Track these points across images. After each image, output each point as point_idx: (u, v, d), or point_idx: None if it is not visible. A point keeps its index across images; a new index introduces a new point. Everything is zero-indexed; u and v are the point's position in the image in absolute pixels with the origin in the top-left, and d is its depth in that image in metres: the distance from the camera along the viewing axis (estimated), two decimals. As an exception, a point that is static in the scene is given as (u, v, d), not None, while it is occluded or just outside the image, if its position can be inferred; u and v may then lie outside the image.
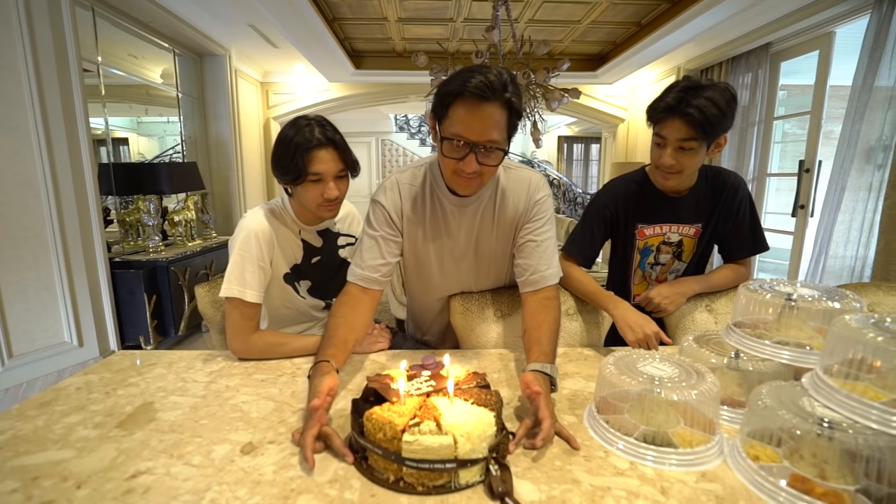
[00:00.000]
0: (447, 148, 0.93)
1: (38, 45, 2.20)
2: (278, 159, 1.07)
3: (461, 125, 0.89)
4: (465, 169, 0.92)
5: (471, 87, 0.85)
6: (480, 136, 0.89)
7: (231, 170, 4.42)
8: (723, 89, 1.05)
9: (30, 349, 2.32)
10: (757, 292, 0.86)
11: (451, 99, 0.89)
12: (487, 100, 0.86)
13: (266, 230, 1.10)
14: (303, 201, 1.12)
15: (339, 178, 1.10)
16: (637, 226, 1.27)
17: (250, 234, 1.09)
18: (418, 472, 0.62)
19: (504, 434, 0.69)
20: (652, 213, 1.26)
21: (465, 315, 1.21)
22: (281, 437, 0.74)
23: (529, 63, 3.15)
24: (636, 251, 1.30)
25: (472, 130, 0.88)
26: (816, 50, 3.32)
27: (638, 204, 1.25)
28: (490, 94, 0.86)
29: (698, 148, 1.08)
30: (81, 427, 0.77)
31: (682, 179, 1.14)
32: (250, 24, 3.65)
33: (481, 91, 0.85)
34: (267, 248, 1.10)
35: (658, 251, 1.29)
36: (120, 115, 3.66)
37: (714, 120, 1.03)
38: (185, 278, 3.12)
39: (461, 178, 0.95)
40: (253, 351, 1.08)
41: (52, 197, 2.30)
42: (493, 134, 0.89)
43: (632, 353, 0.81)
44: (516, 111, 0.91)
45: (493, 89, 0.86)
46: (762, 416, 0.65)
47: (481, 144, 0.90)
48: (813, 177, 3.35)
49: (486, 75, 0.86)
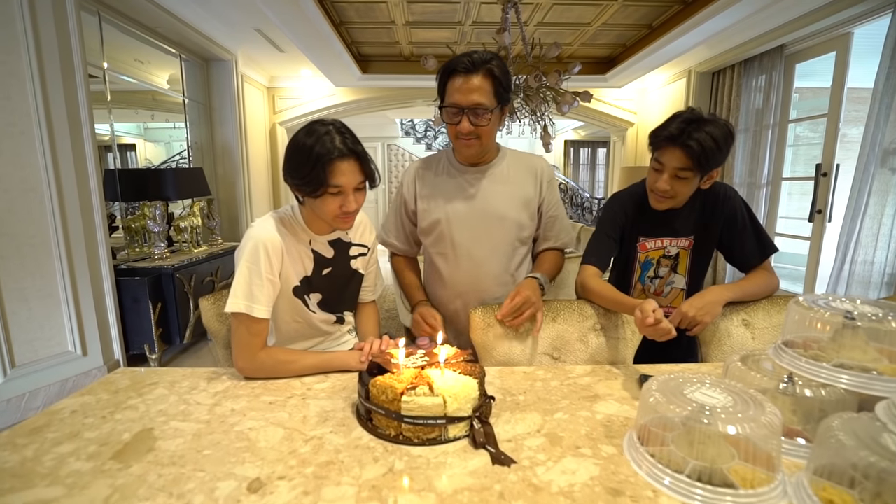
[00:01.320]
0: (446, 115, 1.17)
1: (42, 50, 2.17)
2: (296, 168, 0.99)
3: (454, 95, 1.13)
4: (461, 130, 1.15)
5: (458, 64, 1.11)
6: (468, 101, 1.12)
7: (237, 175, 4.39)
8: (722, 125, 1.09)
9: (32, 359, 2.27)
10: (812, 309, 0.78)
11: (446, 77, 1.15)
12: (472, 72, 1.11)
13: (276, 241, 1.03)
14: (319, 212, 1.05)
15: (357, 189, 1.03)
16: (639, 239, 1.29)
17: (258, 245, 1.01)
18: (414, 427, 0.74)
19: (486, 399, 0.82)
20: (654, 227, 1.28)
21: (486, 330, 1.14)
22: (292, 472, 0.67)
23: (540, 66, 3.09)
24: (637, 265, 1.32)
25: (462, 97, 1.12)
26: (833, 52, 3.24)
27: (642, 217, 1.27)
28: (473, 67, 1.11)
29: (692, 178, 1.14)
30: (74, 459, 0.70)
31: (674, 204, 1.21)
32: (257, 28, 3.62)
33: (466, 66, 1.11)
34: (276, 259, 1.03)
35: (658, 265, 1.31)
36: (126, 120, 3.63)
37: (710, 154, 1.08)
38: (190, 285, 3.07)
39: (460, 140, 1.19)
40: (261, 370, 1.01)
41: (55, 203, 2.25)
42: (479, 98, 1.12)
43: (677, 377, 0.74)
44: (500, 81, 1.13)
45: (475, 63, 1.11)
46: (838, 453, 0.58)
47: (470, 108, 1.12)
48: (831, 181, 3.26)
49: (472, 55, 1.11)
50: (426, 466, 0.68)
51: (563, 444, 0.74)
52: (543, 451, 0.72)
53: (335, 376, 1.01)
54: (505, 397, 0.91)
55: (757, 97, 3.82)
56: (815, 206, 3.40)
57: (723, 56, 3.98)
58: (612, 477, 0.66)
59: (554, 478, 0.65)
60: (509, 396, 0.91)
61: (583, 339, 1.17)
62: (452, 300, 1.32)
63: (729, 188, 1.27)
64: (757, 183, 3.85)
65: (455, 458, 0.70)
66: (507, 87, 1.15)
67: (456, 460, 0.70)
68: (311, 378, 1.01)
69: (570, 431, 0.78)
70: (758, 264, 1.24)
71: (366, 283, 1.28)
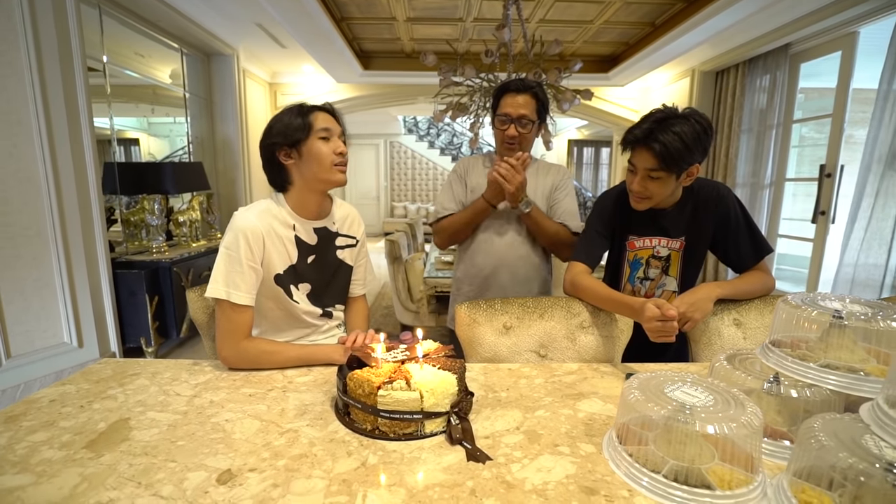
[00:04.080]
0: (498, 122, 1.47)
1: (41, 42, 2.17)
2: (279, 127, 1.06)
3: (506, 107, 1.44)
4: (509, 134, 1.44)
5: (511, 85, 1.45)
6: (517, 113, 1.42)
7: (237, 170, 4.39)
8: (695, 122, 1.07)
9: (28, 350, 2.28)
10: (799, 307, 0.76)
11: (501, 93, 1.47)
12: (521, 92, 1.43)
13: (255, 228, 1.04)
14: (316, 168, 1.07)
15: (341, 138, 1.11)
16: (628, 237, 1.27)
17: (238, 233, 1.03)
18: (391, 422, 0.73)
19: (466, 395, 0.82)
20: (641, 225, 1.26)
21: (472, 326, 1.13)
22: (264, 464, 0.66)
23: (540, 63, 3.07)
24: (626, 263, 1.30)
25: (512, 109, 1.43)
26: (838, 51, 3.19)
27: (630, 214, 1.25)
28: (523, 88, 1.44)
29: (666, 178, 1.12)
30: (46, 447, 0.70)
31: (653, 204, 1.20)
32: (258, 23, 3.61)
33: (517, 86, 1.44)
34: (256, 247, 1.04)
35: (647, 265, 1.29)
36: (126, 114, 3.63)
37: (677, 154, 1.07)
38: (187, 279, 3.07)
39: (505, 144, 1.46)
40: (243, 359, 1.01)
41: (53, 195, 2.25)
42: (525, 111, 1.43)
43: (658, 376, 0.72)
44: (542, 102, 1.45)
45: (525, 86, 1.44)
46: (817, 454, 0.56)
47: (517, 117, 1.42)
48: (834, 182, 3.22)
49: (523, 80, 1.46)
50: (400, 461, 0.67)
51: (542, 441, 0.73)
52: (520, 449, 0.71)
53: (318, 370, 1.01)
54: (487, 394, 0.90)
55: (761, 97, 3.78)
56: (818, 208, 3.36)
57: (727, 55, 3.94)
58: (588, 476, 0.65)
59: (529, 475, 0.64)
60: (491, 393, 0.90)
61: (570, 337, 1.16)
62: (486, 266, 1.52)
63: (723, 187, 1.24)
64: (760, 183, 3.81)
65: (430, 454, 0.69)
66: (546, 108, 1.47)
67: (431, 456, 0.69)
68: (294, 371, 1.00)
69: (550, 429, 0.77)
70: (753, 265, 1.22)
71: (355, 277, 1.27)
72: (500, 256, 1.49)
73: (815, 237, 3.42)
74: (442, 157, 10.22)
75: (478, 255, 1.52)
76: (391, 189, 10.40)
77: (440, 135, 10.41)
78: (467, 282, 1.56)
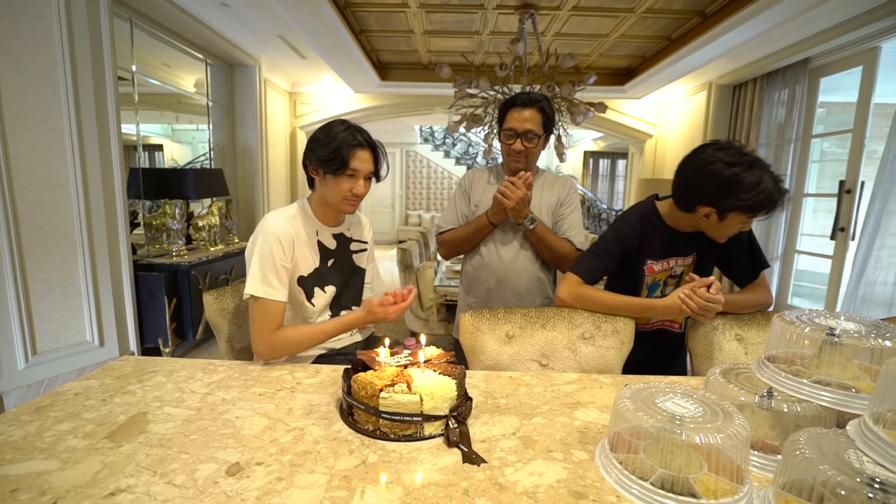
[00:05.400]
0: (504, 136, 1.47)
1: (76, 54, 2.29)
2: (321, 147, 1.14)
3: (512, 121, 1.45)
4: (514, 148, 1.45)
5: (517, 99, 1.45)
6: (523, 128, 1.43)
7: (256, 177, 4.51)
8: None
9: (53, 346, 2.37)
10: (794, 324, 0.78)
11: (507, 107, 1.47)
12: (527, 106, 1.43)
13: (286, 231, 1.14)
14: (330, 193, 1.17)
15: (367, 178, 1.20)
16: (646, 262, 1.26)
17: (269, 235, 1.11)
18: (391, 423, 0.77)
19: (465, 400, 0.84)
20: (661, 249, 1.25)
21: (475, 334, 1.16)
22: (270, 459, 0.70)
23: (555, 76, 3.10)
24: (644, 286, 1.28)
25: (518, 124, 1.43)
26: (860, 66, 3.16)
27: (649, 240, 1.25)
28: (529, 102, 1.43)
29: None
30: (71, 436, 0.75)
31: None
32: (280, 35, 3.73)
33: (523, 101, 1.44)
34: (287, 248, 1.13)
35: (665, 285, 1.29)
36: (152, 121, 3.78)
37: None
38: (205, 282, 3.16)
39: (511, 157, 1.48)
40: (279, 349, 1.10)
41: (81, 198, 2.36)
42: (531, 126, 1.43)
43: (650, 387, 0.74)
44: (548, 116, 1.45)
45: (531, 100, 1.44)
46: (800, 467, 0.58)
47: (523, 132, 1.43)
48: (854, 198, 3.17)
49: (529, 94, 1.45)
50: (398, 461, 0.71)
51: (536, 447, 0.75)
52: (515, 453, 0.73)
53: (325, 372, 1.04)
54: (487, 400, 0.92)
55: (779, 111, 3.75)
56: (837, 224, 3.30)
57: (744, 69, 3.92)
58: (579, 481, 0.67)
59: (521, 478, 0.67)
60: (491, 399, 0.93)
61: (571, 347, 1.18)
62: (488, 279, 1.54)
63: None
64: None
65: (427, 455, 0.72)
66: (553, 121, 1.48)
67: (428, 456, 0.72)
68: (303, 373, 1.04)
69: (545, 436, 0.79)
70: (750, 281, 1.25)
71: (366, 280, 1.34)
72: (503, 270, 1.50)
73: (833, 254, 3.36)
74: (457, 167, 10.30)
75: (481, 269, 1.54)
76: (406, 197, 10.50)
77: (456, 144, 10.49)
78: (472, 294, 1.59)
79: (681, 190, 1.15)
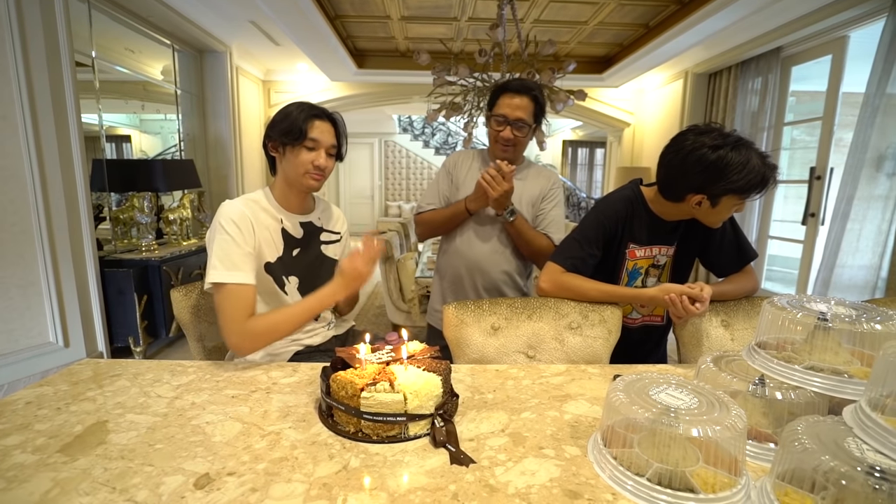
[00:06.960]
0: (494, 123, 1.42)
1: (27, 35, 2.13)
2: (280, 121, 1.10)
3: (503, 107, 1.39)
4: (504, 136, 1.40)
5: (510, 85, 1.40)
6: (514, 115, 1.38)
7: (230, 168, 4.35)
8: None
9: (12, 349, 2.24)
10: (785, 309, 0.76)
11: (499, 93, 1.41)
12: (519, 93, 1.38)
13: (242, 213, 1.07)
14: (291, 169, 1.12)
15: (329, 155, 1.14)
16: (629, 245, 1.22)
17: (226, 218, 1.05)
18: (374, 424, 0.72)
19: (451, 397, 0.80)
20: (644, 235, 1.22)
21: (459, 327, 1.12)
22: (243, 468, 0.65)
23: (534, 63, 3.06)
24: (625, 272, 1.25)
25: (510, 111, 1.38)
26: (829, 55, 3.22)
27: (633, 225, 1.21)
28: (521, 90, 1.38)
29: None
30: (19, 451, 0.68)
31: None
32: (251, 20, 3.58)
33: (516, 87, 1.39)
34: (246, 230, 1.06)
35: (646, 274, 1.26)
36: (115, 111, 3.59)
37: None
38: (177, 278, 3.04)
39: (499, 145, 1.43)
40: (257, 338, 1.02)
41: (39, 191, 2.22)
42: (522, 114, 1.38)
43: (643, 378, 0.72)
44: (541, 106, 1.41)
45: (525, 87, 1.39)
46: (799, 457, 0.56)
47: (514, 120, 1.38)
48: (824, 184, 3.25)
49: (523, 81, 1.41)
50: (382, 465, 0.66)
51: (527, 444, 0.72)
52: (505, 452, 0.70)
53: (303, 371, 0.99)
54: (473, 395, 0.89)
55: (753, 99, 3.81)
56: (808, 210, 3.39)
57: (720, 57, 3.96)
58: (573, 479, 0.64)
59: (512, 479, 0.64)
60: (478, 395, 0.89)
61: (558, 338, 1.15)
62: (460, 266, 1.50)
63: None
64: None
65: (413, 457, 0.68)
66: (543, 112, 1.44)
67: (414, 459, 0.68)
68: (279, 372, 0.99)
69: (536, 431, 0.76)
70: (736, 271, 1.23)
71: None
72: (476, 260, 1.46)
73: (805, 239, 3.45)
74: (437, 157, 10.21)
75: (455, 255, 1.50)
76: (385, 188, 10.37)
77: (435, 134, 10.39)
78: (446, 277, 1.55)
79: (667, 180, 1.12)
